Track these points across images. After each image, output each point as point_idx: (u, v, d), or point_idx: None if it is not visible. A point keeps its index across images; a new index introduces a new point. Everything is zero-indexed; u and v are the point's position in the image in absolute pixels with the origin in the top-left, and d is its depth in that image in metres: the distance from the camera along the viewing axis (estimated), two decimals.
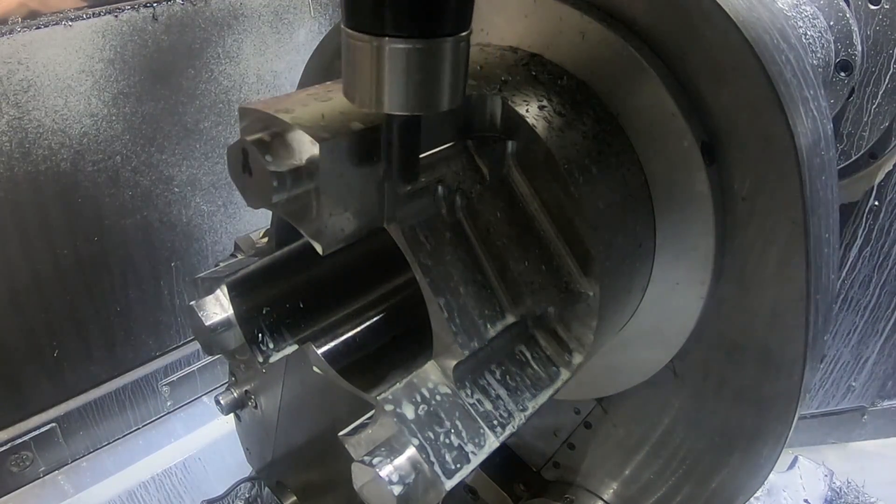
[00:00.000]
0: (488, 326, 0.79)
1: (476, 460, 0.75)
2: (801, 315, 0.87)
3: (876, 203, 1.96)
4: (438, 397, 0.76)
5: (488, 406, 0.78)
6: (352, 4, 0.63)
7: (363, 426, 0.77)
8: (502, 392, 0.80)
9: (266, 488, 2.09)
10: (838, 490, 2.32)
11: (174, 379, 2.30)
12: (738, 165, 0.86)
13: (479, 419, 0.77)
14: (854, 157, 1.70)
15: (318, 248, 0.73)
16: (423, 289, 0.77)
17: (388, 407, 0.73)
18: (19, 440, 2.00)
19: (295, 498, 1.78)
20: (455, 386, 0.77)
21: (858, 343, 2.28)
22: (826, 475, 2.13)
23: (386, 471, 0.70)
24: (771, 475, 0.99)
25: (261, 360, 1.01)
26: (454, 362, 0.77)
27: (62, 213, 1.85)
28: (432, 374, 0.78)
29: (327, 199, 0.70)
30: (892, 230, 2.01)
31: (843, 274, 2.12)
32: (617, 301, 0.91)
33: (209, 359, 2.35)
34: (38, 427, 2.03)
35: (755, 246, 0.88)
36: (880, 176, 1.82)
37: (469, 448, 0.75)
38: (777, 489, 2.06)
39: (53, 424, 2.06)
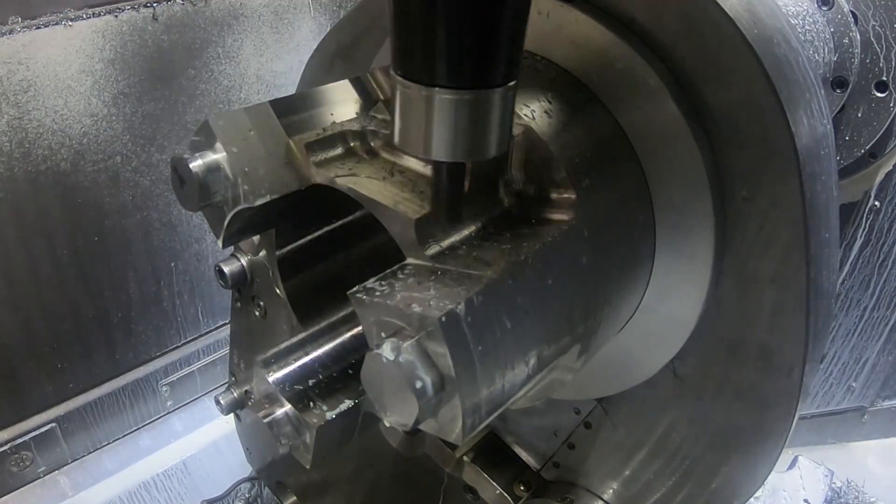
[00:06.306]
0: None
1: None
2: (801, 315, 0.87)
3: (876, 203, 1.95)
4: (410, 269, 0.71)
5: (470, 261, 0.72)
6: (403, 54, 0.64)
7: None
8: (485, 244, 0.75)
9: (266, 488, 2.09)
10: (838, 490, 2.32)
11: (174, 379, 2.30)
12: (738, 165, 0.86)
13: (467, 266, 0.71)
14: (854, 157, 1.70)
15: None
16: (363, 202, 0.77)
17: (360, 295, 0.67)
18: (19, 440, 2.00)
19: (295, 498, 1.78)
20: (421, 247, 0.72)
21: (858, 343, 2.28)
22: (826, 475, 2.13)
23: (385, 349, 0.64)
24: (771, 475, 0.99)
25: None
26: (411, 227, 0.73)
27: (62, 213, 1.85)
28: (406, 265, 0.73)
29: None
30: (892, 230, 2.01)
31: (843, 274, 2.12)
32: (616, 300, 0.91)
33: (209, 359, 2.35)
34: (38, 427, 2.03)
35: (755, 246, 0.88)
36: (880, 176, 1.82)
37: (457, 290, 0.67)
38: (777, 489, 2.06)
39: (53, 424, 2.05)
